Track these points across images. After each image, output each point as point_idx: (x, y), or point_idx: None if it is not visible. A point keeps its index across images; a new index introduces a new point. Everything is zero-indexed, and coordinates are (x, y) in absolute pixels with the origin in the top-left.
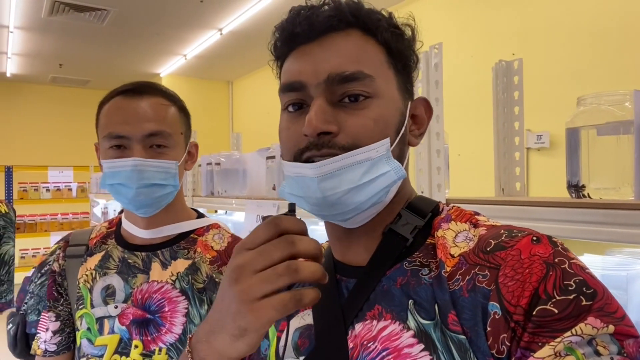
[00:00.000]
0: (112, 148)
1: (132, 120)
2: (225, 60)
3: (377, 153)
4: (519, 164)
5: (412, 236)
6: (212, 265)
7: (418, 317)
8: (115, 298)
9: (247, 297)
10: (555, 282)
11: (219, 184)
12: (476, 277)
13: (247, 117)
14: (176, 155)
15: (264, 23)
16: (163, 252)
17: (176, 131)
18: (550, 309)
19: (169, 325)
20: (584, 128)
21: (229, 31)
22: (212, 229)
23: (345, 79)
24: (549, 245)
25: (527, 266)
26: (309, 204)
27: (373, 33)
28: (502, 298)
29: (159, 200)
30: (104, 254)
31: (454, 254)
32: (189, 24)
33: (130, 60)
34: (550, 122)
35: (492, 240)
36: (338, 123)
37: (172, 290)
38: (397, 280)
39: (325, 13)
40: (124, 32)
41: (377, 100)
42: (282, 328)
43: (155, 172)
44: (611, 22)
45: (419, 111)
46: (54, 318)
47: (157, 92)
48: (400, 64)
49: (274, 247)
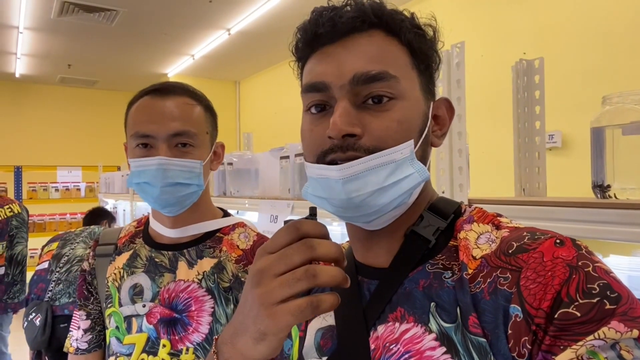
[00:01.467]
0: (138, 147)
1: (157, 120)
2: (233, 61)
3: (401, 155)
4: (539, 163)
5: (434, 238)
6: (237, 264)
7: (440, 320)
8: (142, 297)
9: (266, 301)
10: (579, 285)
11: (231, 184)
12: (498, 280)
13: (255, 117)
14: (201, 155)
15: (272, 23)
16: (189, 251)
17: (201, 131)
18: (573, 312)
19: (195, 324)
20: (609, 127)
21: (237, 31)
22: (238, 227)
23: (371, 79)
24: (572, 248)
25: (550, 269)
26: (333, 206)
27: (396, 34)
28: (523, 301)
29: (183, 200)
30: (132, 253)
31: (476, 256)
32: (197, 24)
33: (138, 61)
34: (562, 121)
35: (514, 243)
36: (362, 125)
37: (199, 290)
38: (420, 282)
39: (349, 14)
40: (132, 32)
41: (401, 102)
42: (304, 328)
43: (179, 171)
44: (623, 21)
45: (441, 112)
46: (85, 316)
47: (183, 92)
48: (423, 64)
49: (293, 251)
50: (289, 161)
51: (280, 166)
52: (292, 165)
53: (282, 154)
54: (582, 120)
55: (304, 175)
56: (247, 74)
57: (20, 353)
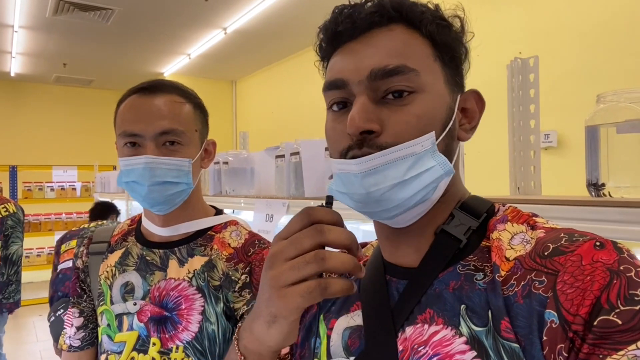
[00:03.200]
0: (126, 146)
1: (145, 118)
2: (229, 60)
3: (421, 147)
4: (534, 162)
5: (465, 238)
6: (228, 263)
7: (470, 323)
8: (134, 295)
9: (277, 284)
10: (620, 291)
11: (227, 183)
12: (532, 283)
13: (251, 117)
14: (190, 153)
15: (268, 22)
16: (180, 249)
17: (190, 129)
18: (614, 320)
19: (185, 323)
20: (603, 126)
21: (233, 30)
22: (230, 225)
23: (388, 74)
24: (613, 251)
25: (589, 273)
26: (354, 201)
27: (417, 26)
28: (560, 306)
29: (172, 198)
30: (124, 251)
31: (510, 257)
32: (193, 23)
33: (134, 60)
34: (557, 121)
35: (551, 244)
36: (381, 121)
37: (189, 288)
38: (450, 284)
39: (368, 10)
40: (128, 31)
41: (421, 95)
42: (332, 326)
43: (167, 169)
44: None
45: (469, 104)
46: (78, 314)
47: (171, 90)
48: (447, 56)
49: (303, 236)
50: (285, 160)
51: (275, 165)
52: (287, 164)
53: (277, 153)
54: (578, 120)
55: (299, 175)
56: (243, 74)
57: (15, 354)
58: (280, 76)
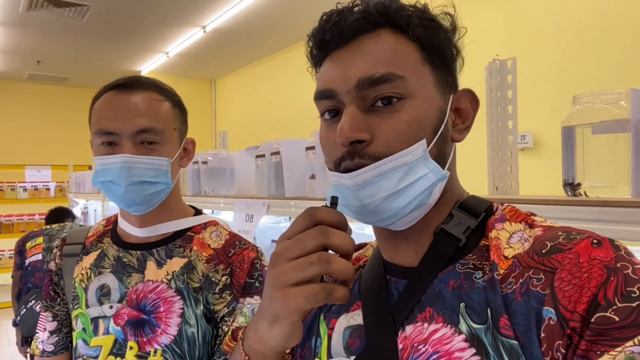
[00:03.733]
0: (102, 145)
1: (121, 116)
2: (209, 59)
3: (412, 156)
4: (511, 162)
5: (464, 237)
6: (208, 264)
7: (469, 321)
8: (110, 298)
9: (279, 283)
10: (617, 288)
11: (206, 183)
12: (530, 281)
13: (231, 116)
14: (169, 152)
15: (248, 21)
16: (158, 250)
17: (169, 127)
18: (611, 317)
19: (164, 326)
20: (579, 126)
21: (212, 29)
22: (210, 226)
23: (376, 82)
24: (610, 248)
25: (586, 270)
26: (351, 211)
27: (404, 30)
28: (557, 303)
29: (150, 199)
30: (100, 252)
31: (508, 256)
32: (171, 20)
33: (110, 57)
34: (533, 123)
35: (548, 242)
36: (371, 130)
37: (168, 290)
38: (449, 283)
39: (354, 17)
40: (104, 28)
41: (410, 101)
42: (333, 326)
43: (145, 169)
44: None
45: (463, 104)
46: (51, 318)
47: (149, 87)
48: (436, 58)
49: (307, 236)
50: (265, 160)
51: (255, 165)
52: (268, 164)
53: (257, 152)
54: (553, 121)
55: (279, 174)
56: (223, 73)
57: None
58: (260, 76)
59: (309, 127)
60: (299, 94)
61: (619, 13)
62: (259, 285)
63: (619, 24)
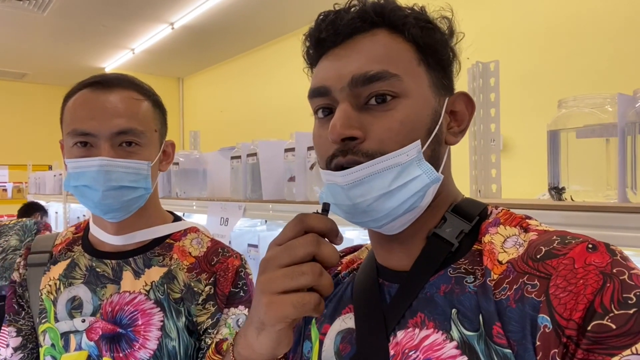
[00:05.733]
0: (76, 146)
1: (99, 116)
2: (176, 56)
3: (407, 157)
4: (494, 166)
5: (457, 241)
6: (189, 273)
7: (461, 328)
8: (82, 311)
9: (267, 289)
10: (613, 294)
11: (178, 184)
12: (525, 287)
13: (199, 116)
14: (149, 155)
15: (218, 19)
16: (135, 259)
17: (149, 128)
18: (608, 325)
19: (142, 340)
20: (564, 130)
21: (181, 26)
22: (190, 233)
23: (370, 79)
24: (606, 253)
25: (582, 276)
26: (342, 211)
27: (400, 30)
28: (553, 310)
29: (128, 205)
30: (70, 262)
31: (502, 261)
32: (138, 16)
33: (72, 53)
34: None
35: (543, 247)
36: (364, 127)
37: (146, 302)
38: (441, 287)
39: (350, 15)
40: (66, 23)
41: (405, 101)
42: (325, 331)
43: (124, 173)
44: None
45: (458, 107)
46: (15, 333)
47: (128, 85)
48: (432, 59)
49: (298, 244)
50: (241, 161)
51: (231, 166)
52: (244, 165)
53: (233, 153)
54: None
55: (256, 176)
56: (191, 71)
57: None
58: (230, 75)
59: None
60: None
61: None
62: (243, 295)
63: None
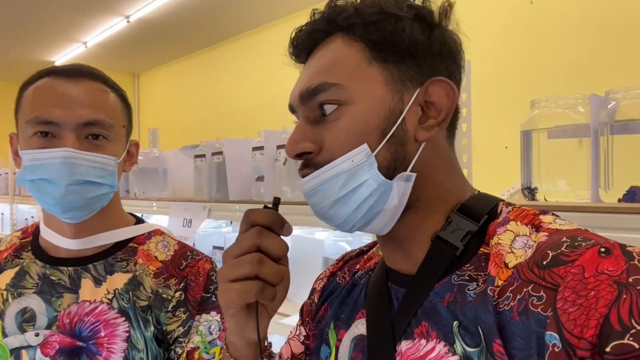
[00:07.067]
0: (36, 135)
1: (65, 104)
2: (132, 51)
3: (351, 163)
4: (466, 166)
5: (462, 244)
6: (156, 279)
7: (463, 343)
8: (35, 324)
9: (221, 279)
10: (632, 307)
11: (136, 184)
12: (530, 299)
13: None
14: (116, 151)
15: (176, 13)
16: (96, 265)
17: (117, 123)
18: (630, 344)
19: (106, 353)
20: (535, 131)
21: (137, 19)
22: (155, 235)
23: (312, 93)
24: (621, 258)
25: (593, 287)
26: (317, 215)
27: (352, 32)
28: (561, 327)
29: (92, 203)
30: (19, 270)
31: (509, 264)
32: (91, 8)
33: (19, 45)
34: None
35: (550, 252)
36: (318, 140)
37: (109, 311)
38: (445, 296)
39: (307, 29)
40: (11, 13)
41: (349, 107)
42: (341, 337)
43: (90, 167)
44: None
45: (435, 96)
46: None
47: (94, 77)
48: (388, 52)
49: (244, 237)
50: (205, 160)
51: (194, 165)
52: (208, 164)
53: (196, 152)
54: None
55: (221, 175)
56: (147, 67)
57: None
58: (188, 71)
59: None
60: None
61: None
62: (215, 300)
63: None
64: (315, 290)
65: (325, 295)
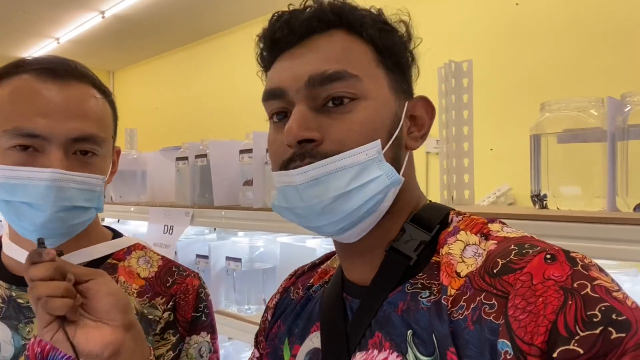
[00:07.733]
0: (15, 149)
1: (52, 114)
2: (107, 48)
3: (366, 156)
4: (467, 170)
5: (416, 254)
6: (140, 298)
7: (417, 352)
8: None
9: None
10: (577, 313)
11: (113, 187)
12: (482, 307)
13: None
14: (104, 168)
15: (153, 9)
16: None
17: (109, 136)
18: (575, 349)
19: None
20: (544, 135)
21: (112, 15)
22: (136, 250)
23: (328, 79)
24: (565, 264)
25: (541, 294)
26: (296, 216)
27: (358, 31)
28: (513, 334)
29: (75, 229)
30: None
31: (461, 273)
32: (64, 2)
33: None
34: None
35: (500, 260)
36: (322, 130)
37: None
38: (399, 305)
39: (306, 15)
40: None
41: (364, 102)
42: (295, 352)
43: (78, 190)
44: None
45: (418, 111)
46: None
47: (84, 79)
48: (391, 61)
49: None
50: (188, 163)
51: (176, 168)
52: (191, 167)
53: (178, 154)
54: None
55: (206, 179)
56: (123, 64)
57: None
58: (166, 70)
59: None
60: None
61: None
62: (205, 319)
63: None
64: (268, 307)
65: (279, 312)
